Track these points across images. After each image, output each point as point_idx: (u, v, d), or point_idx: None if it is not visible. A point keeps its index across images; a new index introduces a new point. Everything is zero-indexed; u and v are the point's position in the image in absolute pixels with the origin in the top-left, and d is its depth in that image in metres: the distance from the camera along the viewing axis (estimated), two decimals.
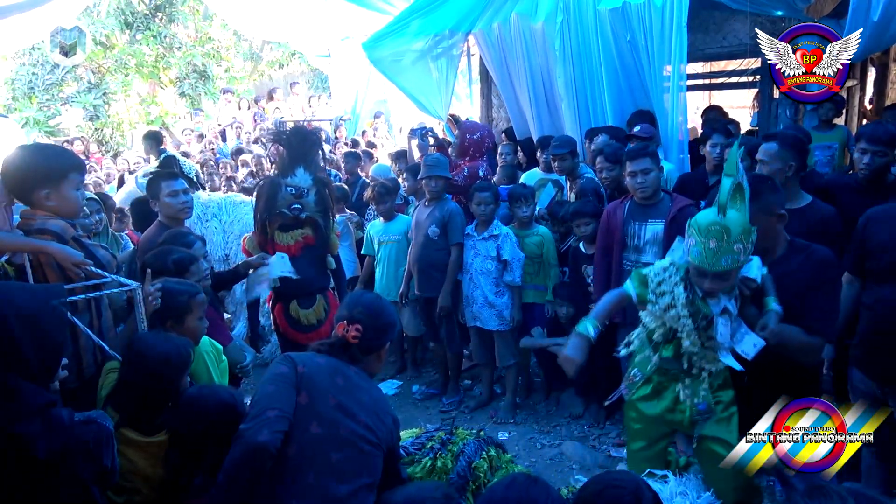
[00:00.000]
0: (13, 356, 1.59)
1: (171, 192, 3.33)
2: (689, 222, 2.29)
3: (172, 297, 2.32)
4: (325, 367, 1.94)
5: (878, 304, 2.76)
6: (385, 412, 2.00)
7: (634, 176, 3.57)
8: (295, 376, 1.89)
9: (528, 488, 1.49)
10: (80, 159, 2.67)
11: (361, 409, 1.91)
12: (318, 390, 1.88)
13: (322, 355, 1.99)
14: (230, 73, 13.06)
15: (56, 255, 2.35)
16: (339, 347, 1.99)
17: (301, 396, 1.86)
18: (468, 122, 5.29)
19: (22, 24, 7.12)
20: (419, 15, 5.88)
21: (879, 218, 2.80)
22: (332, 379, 1.92)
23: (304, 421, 1.83)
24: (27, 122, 10.01)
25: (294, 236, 3.64)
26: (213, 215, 5.35)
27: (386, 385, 5.05)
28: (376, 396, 2.02)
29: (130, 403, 2.04)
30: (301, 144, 3.59)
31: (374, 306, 2.04)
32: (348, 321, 1.98)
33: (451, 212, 4.42)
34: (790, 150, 3.10)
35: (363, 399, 1.93)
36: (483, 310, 4.29)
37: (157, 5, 11.55)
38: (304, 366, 1.92)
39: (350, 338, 1.96)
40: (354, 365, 1.98)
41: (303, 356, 1.98)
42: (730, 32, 5.30)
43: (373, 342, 2.01)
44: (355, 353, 1.99)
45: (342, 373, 1.95)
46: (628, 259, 3.70)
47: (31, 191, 2.46)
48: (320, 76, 13.40)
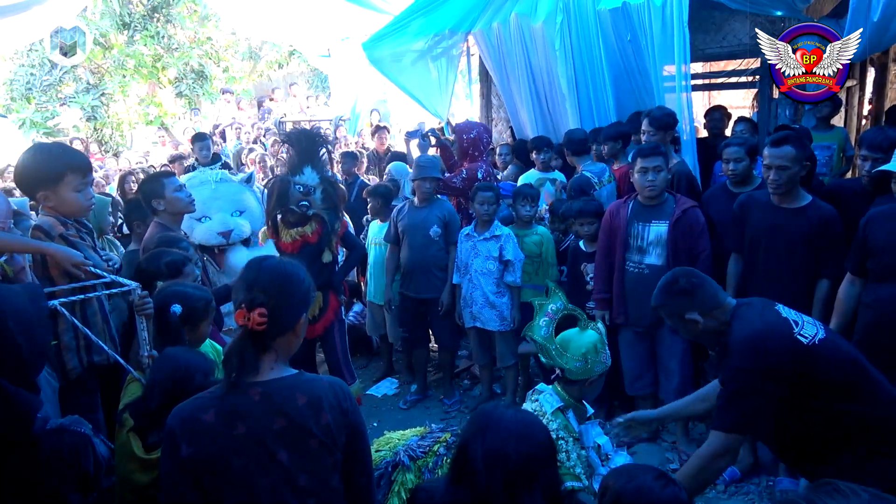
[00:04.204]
0: (9, 355, 1.59)
1: (176, 186, 3.30)
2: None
3: (192, 302, 2.29)
4: (215, 425, 1.52)
5: (877, 303, 2.79)
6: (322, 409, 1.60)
7: (646, 173, 3.55)
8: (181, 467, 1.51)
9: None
10: (81, 160, 2.62)
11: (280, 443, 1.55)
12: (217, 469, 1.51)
13: (214, 399, 1.56)
14: (229, 74, 13.06)
15: (56, 256, 2.35)
16: (242, 346, 1.57)
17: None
18: (463, 123, 5.30)
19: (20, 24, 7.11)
20: (419, 15, 5.88)
21: (880, 218, 2.83)
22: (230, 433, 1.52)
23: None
24: (25, 122, 10.01)
25: (292, 235, 3.79)
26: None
27: (384, 384, 5.06)
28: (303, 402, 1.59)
29: (146, 416, 1.97)
30: (309, 145, 3.75)
31: (278, 278, 1.60)
32: (247, 305, 1.54)
33: (451, 211, 4.54)
34: (803, 149, 3.12)
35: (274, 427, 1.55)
36: (484, 310, 4.28)
37: (155, 6, 11.54)
38: (189, 442, 1.50)
39: (255, 325, 1.53)
40: (266, 354, 1.59)
41: (185, 422, 1.54)
42: (729, 32, 5.30)
43: (284, 321, 1.59)
44: (264, 341, 1.57)
45: (240, 414, 1.54)
46: (631, 260, 3.69)
47: (33, 191, 2.49)
48: (320, 76, 13.41)
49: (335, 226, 3.85)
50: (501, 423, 1.48)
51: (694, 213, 3.58)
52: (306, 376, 1.65)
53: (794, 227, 3.18)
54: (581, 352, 2.29)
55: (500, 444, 1.43)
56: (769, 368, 1.94)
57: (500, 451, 1.42)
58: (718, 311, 2.11)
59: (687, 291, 2.13)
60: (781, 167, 3.08)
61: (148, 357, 2.26)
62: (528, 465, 1.41)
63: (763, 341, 1.97)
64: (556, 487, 1.47)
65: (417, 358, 4.81)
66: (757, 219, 3.31)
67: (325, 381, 1.65)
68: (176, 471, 1.51)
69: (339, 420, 1.60)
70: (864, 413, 1.97)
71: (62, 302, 2.21)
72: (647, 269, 3.64)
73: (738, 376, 1.98)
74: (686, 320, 2.13)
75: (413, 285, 4.51)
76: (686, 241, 3.55)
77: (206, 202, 3.93)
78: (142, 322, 2.27)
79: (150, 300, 2.31)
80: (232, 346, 1.59)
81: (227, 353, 1.59)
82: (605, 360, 2.34)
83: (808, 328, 2.04)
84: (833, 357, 2.01)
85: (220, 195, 4.02)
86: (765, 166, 3.20)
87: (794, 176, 3.11)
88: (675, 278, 2.18)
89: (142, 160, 9.20)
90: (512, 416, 1.51)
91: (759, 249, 3.31)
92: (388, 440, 2.38)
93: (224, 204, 3.99)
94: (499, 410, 1.55)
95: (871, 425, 1.97)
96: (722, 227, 3.60)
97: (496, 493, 1.40)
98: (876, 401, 1.99)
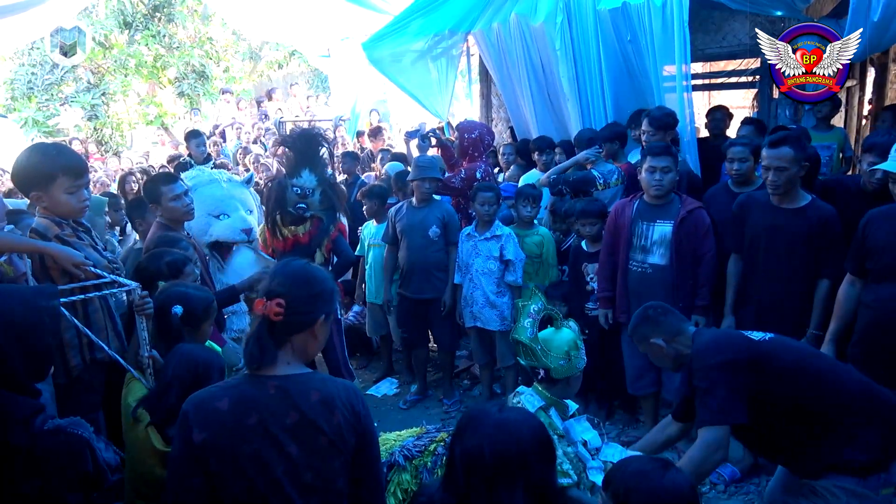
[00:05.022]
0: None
1: (174, 195, 3.33)
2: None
3: (193, 304, 2.29)
4: (228, 413, 1.55)
5: (876, 303, 2.79)
6: (335, 408, 1.61)
7: (653, 172, 3.54)
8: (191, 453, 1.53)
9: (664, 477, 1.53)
10: (74, 163, 2.58)
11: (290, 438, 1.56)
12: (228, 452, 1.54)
13: (229, 388, 1.61)
14: (229, 74, 13.07)
15: (56, 257, 2.35)
16: (259, 332, 1.62)
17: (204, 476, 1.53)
18: (465, 122, 5.30)
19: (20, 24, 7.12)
20: (419, 15, 5.88)
21: (879, 218, 2.84)
22: (243, 423, 1.54)
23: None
24: (26, 122, 10.02)
25: (284, 234, 3.85)
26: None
27: (385, 384, 5.06)
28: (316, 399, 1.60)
29: (165, 410, 1.98)
30: (306, 147, 3.77)
31: (299, 274, 1.66)
32: (267, 296, 1.60)
33: (450, 212, 4.53)
34: (801, 150, 3.12)
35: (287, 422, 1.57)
36: (484, 310, 4.29)
37: (156, 5, 11.55)
38: (202, 428, 1.53)
39: (272, 315, 1.58)
40: (281, 349, 1.62)
41: (199, 408, 1.57)
42: (729, 32, 5.30)
43: (302, 317, 1.63)
44: (280, 334, 1.61)
45: (255, 404, 1.56)
46: (634, 259, 3.69)
47: (26, 191, 2.50)
48: (320, 76, 13.41)
49: (330, 228, 3.87)
50: (481, 423, 1.46)
51: (700, 213, 3.57)
52: (321, 375, 1.68)
53: (794, 228, 3.18)
54: (563, 350, 2.33)
55: (475, 444, 1.42)
56: (730, 361, 2.17)
57: (475, 452, 1.41)
58: (681, 338, 2.38)
59: (654, 319, 2.42)
60: (780, 168, 3.08)
61: (148, 357, 2.26)
62: (505, 465, 1.39)
63: (720, 341, 2.27)
64: (545, 485, 1.42)
65: (417, 358, 4.82)
66: (756, 219, 3.31)
67: (340, 383, 1.66)
68: (185, 455, 1.54)
69: (351, 421, 1.61)
70: (829, 397, 2.14)
71: (63, 302, 2.21)
72: (651, 269, 3.63)
73: (706, 374, 2.19)
74: (651, 344, 2.41)
75: (412, 286, 4.50)
76: (690, 242, 3.54)
77: (223, 200, 3.92)
78: (141, 322, 2.27)
79: (150, 300, 2.31)
80: (250, 335, 1.63)
81: (246, 342, 1.63)
82: (584, 357, 2.41)
83: (756, 334, 2.31)
84: (784, 350, 2.25)
85: (232, 193, 4.02)
86: (763, 167, 3.20)
87: (792, 177, 3.11)
88: (645, 310, 2.48)
89: (142, 160, 9.22)
90: (494, 416, 1.48)
91: (759, 250, 3.30)
92: (385, 441, 2.38)
93: (238, 203, 4.00)
94: (483, 411, 1.53)
95: (841, 408, 2.13)
96: (723, 227, 3.60)
97: (476, 493, 1.39)
98: (839, 382, 2.18)
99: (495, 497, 1.36)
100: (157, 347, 2.29)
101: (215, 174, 4.15)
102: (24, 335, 1.65)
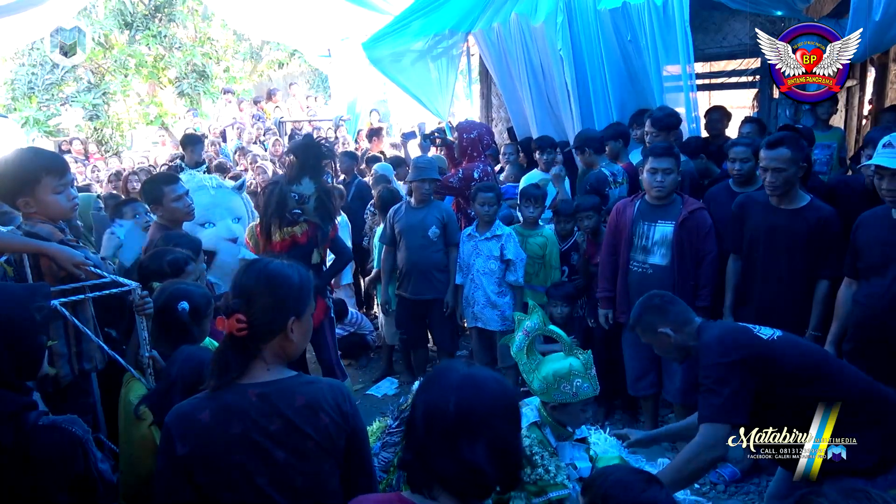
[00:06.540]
0: None
1: (176, 196, 3.33)
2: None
3: (196, 300, 2.29)
4: (210, 424, 1.52)
5: (864, 299, 2.88)
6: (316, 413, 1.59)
7: (655, 173, 3.53)
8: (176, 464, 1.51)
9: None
10: (55, 161, 2.52)
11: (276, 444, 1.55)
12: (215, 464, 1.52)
13: (210, 399, 1.56)
14: (230, 74, 13.07)
15: (56, 257, 2.34)
16: (223, 349, 1.57)
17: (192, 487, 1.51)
18: (464, 122, 5.30)
19: (20, 24, 7.12)
20: (419, 15, 5.88)
21: (866, 219, 2.91)
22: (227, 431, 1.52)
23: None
24: (27, 121, 10.03)
25: (281, 234, 3.82)
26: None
27: (385, 384, 5.06)
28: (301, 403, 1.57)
29: (166, 409, 1.99)
30: (312, 159, 3.79)
31: (259, 280, 1.57)
32: (226, 312, 1.53)
33: (449, 212, 4.53)
34: (799, 150, 3.12)
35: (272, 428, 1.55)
36: (485, 310, 4.28)
37: (157, 5, 11.56)
38: (184, 441, 1.51)
39: (234, 331, 1.51)
40: (255, 361, 1.57)
41: (181, 421, 1.54)
42: (729, 32, 5.30)
43: (268, 325, 1.56)
44: (250, 345, 1.55)
45: (239, 412, 1.53)
46: (635, 259, 3.69)
47: (12, 200, 2.44)
48: (320, 76, 13.42)
49: (328, 230, 3.88)
50: (447, 377, 1.38)
51: (701, 214, 3.57)
52: (305, 378, 1.64)
53: (793, 228, 3.18)
54: (543, 374, 2.33)
55: (440, 396, 1.35)
56: (737, 360, 2.14)
57: (440, 403, 1.34)
58: (688, 328, 2.35)
59: (661, 308, 2.38)
60: (777, 169, 3.09)
61: (148, 357, 2.26)
62: (468, 419, 1.31)
63: (729, 338, 2.22)
64: (508, 446, 1.35)
65: (417, 359, 4.81)
66: (756, 219, 3.31)
67: (325, 384, 1.63)
68: (170, 469, 1.52)
69: (339, 423, 1.58)
70: (836, 399, 2.11)
71: (62, 302, 2.21)
72: (651, 269, 3.63)
73: (712, 370, 2.17)
74: (658, 334, 2.36)
75: (412, 287, 4.49)
76: (692, 243, 3.54)
77: (209, 208, 3.97)
78: (141, 322, 2.27)
79: (150, 300, 2.31)
80: (216, 350, 1.61)
81: (212, 358, 1.60)
82: (573, 392, 2.33)
83: (765, 330, 2.26)
84: (793, 348, 2.22)
85: (219, 202, 4.06)
86: (761, 168, 3.20)
87: (790, 177, 3.11)
88: (651, 298, 2.45)
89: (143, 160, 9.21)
90: (462, 370, 1.40)
91: (758, 250, 3.31)
92: (371, 432, 2.40)
93: (224, 211, 4.05)
94: (451, 366, 1.45)
95: (849, 407, 2.11)
96: (723, 227, 3.60)
97: (436, 446, 1.32)
98: (846, 383, 2.15)
99: (456, 452, 1.30)
100: (157, 347, 2.29)
101: (205, 180, 4.17)
102: (12, 331, 1.64)
